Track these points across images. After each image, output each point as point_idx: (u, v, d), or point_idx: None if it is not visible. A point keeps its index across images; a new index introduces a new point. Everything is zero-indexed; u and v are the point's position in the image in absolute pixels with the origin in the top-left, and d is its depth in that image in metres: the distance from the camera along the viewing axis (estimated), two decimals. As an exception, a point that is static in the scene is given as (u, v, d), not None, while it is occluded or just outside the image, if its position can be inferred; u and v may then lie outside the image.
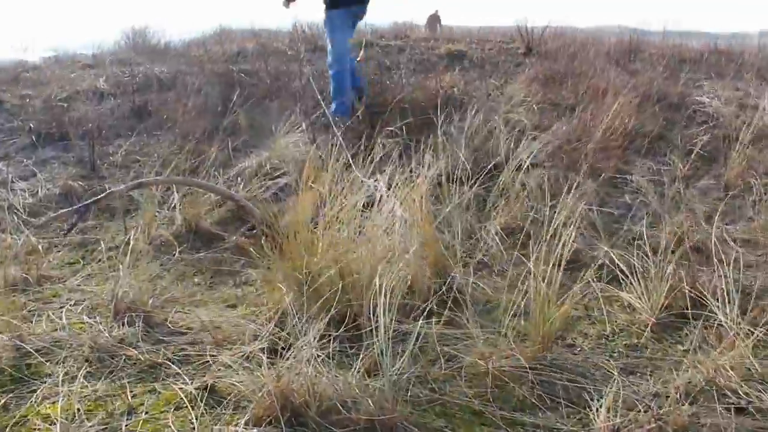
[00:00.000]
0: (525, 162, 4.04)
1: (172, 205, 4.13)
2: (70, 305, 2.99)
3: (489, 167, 4.13)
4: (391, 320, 2.15)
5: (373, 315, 2.23)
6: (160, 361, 2.41)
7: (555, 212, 3.91)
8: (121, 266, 2.99)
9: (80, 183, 4.57)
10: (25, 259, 3.37)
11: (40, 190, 4.52)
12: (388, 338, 2.12)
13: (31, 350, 2.48)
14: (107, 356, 2.46)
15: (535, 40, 9.20)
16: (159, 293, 3.09)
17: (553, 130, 5.17)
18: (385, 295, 2.22)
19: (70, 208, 3.34)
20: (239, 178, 4.39)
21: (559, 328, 2.56)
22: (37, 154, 5.22)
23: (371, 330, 2.21)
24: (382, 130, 5.01)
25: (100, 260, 3.56)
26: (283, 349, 2.33)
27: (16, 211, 4.24)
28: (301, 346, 2.12)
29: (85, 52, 9.56)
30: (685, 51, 9.51)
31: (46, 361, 2.45)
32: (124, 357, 2.44)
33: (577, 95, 6.59)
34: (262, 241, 3.01)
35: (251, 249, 3.10)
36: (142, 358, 2.43)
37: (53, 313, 2.89)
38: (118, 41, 10.70)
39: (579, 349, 2.60)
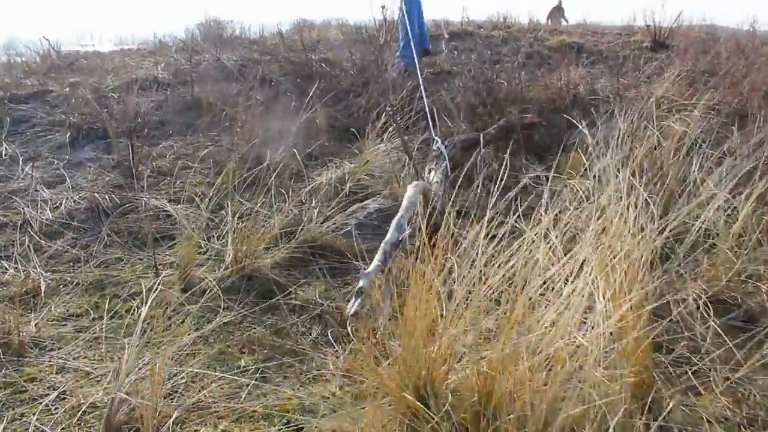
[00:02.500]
0: (721, 194, 2.75)
1: (224, 232, 3.06)
2: (50, 402, 1.94)
3: (668, 200, 2.87)
4: None
5: None
6: None
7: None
8: (127, 347, 1.91)
9: (113, 195, 3.56)
10: (3, 319, 2.33)
11: (64, 203, 3.54)
12: None
13: None
14: None
15: (663, 34, 7.79)
16: (183, 389, 1.99)
17: (734, 146, 3.81)
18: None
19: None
20: (312, 198, 3.26)
21: None
22: (72, 154, 4.27)
23: None
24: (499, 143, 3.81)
25: (114, 314, 2.52)
26: None
27: (30, 230, 3.28)
28: None
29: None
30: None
31: None
32: None
33: (742, 98, 5.16)
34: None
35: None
36: None
37: (20, 419, 1.84)
38: (191, 31, 9.88)
39: None
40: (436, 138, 3.56)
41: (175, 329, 2.37)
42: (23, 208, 3.46)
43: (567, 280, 1.72)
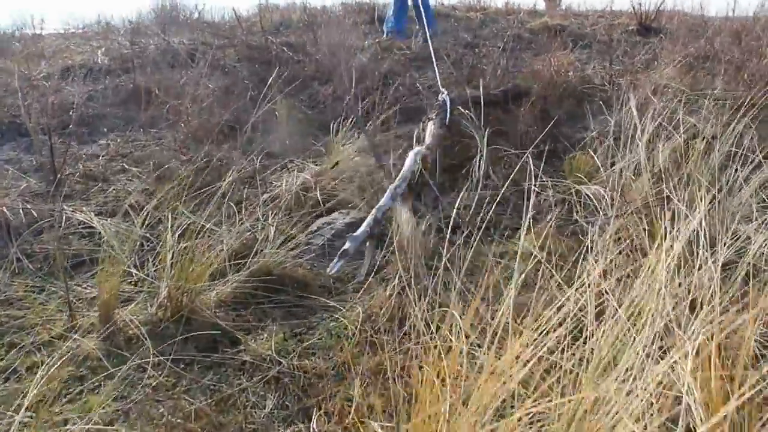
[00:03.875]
0: None
1: (157, 256, 2.47)
2: None
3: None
4: None
5: None
6: None
7: None
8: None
9: (29, 206, 2.94)
10: None
11: (-34, 217, 2.91)
12: None
13: None
14: None
15: (649, 17, 7.37)
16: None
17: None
18: None
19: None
20: (271, 211, 2.68)
21: None
22: (-12, 155, 3.63)
23: None
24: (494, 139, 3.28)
25: (11, 373, 1.94)
26: None
27: None
28: None
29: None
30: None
31: None
32: None
33: (746, 87, 4.70)
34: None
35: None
36: None
37: None
38: (143, 14, 9.08)
39: None
40: (443, 90, 3.79)
41: (86, 398, 1.80)
42: None
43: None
